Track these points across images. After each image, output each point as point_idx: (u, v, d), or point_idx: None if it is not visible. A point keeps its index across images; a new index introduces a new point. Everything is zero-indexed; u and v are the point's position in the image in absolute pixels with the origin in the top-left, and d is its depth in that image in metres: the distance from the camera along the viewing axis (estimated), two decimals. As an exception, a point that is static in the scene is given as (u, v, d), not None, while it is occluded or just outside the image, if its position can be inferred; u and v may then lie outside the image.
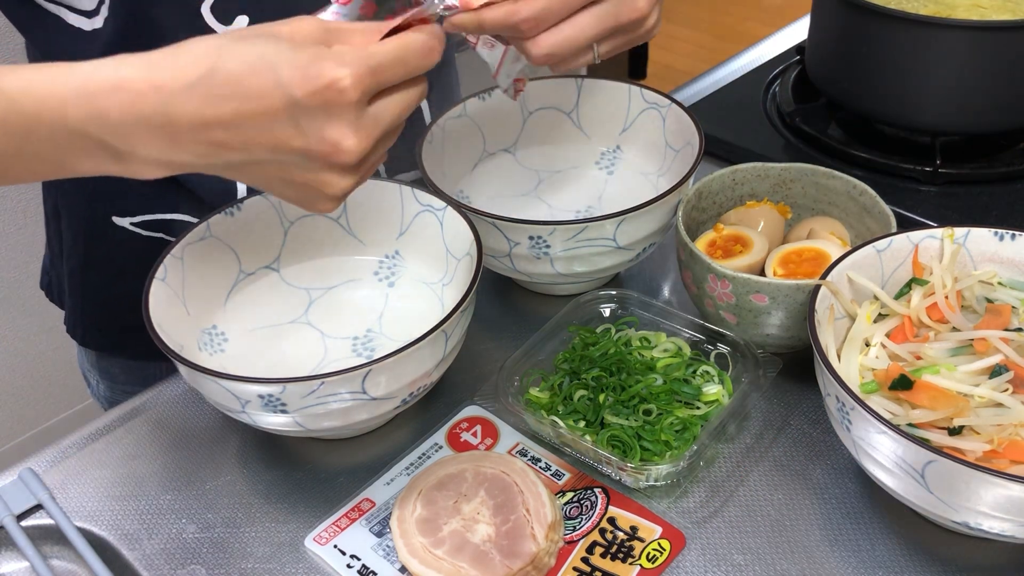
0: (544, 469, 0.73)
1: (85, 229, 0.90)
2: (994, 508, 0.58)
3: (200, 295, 0.78)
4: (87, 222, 0.89)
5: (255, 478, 0.75)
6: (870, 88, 1.04)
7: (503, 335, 0.87)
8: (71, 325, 0.98)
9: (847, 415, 0.63)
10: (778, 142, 1.10)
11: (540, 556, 0.65)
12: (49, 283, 1.01)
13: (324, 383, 0.65)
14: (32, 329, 1.96)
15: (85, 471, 0.77)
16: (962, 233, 0.75)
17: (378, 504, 0.72)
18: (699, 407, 0.74)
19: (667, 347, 0.79)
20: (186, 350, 0.73)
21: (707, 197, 0.85)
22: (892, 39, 0.99)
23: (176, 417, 0.81)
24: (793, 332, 0.76)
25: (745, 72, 1.24)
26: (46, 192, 0.95)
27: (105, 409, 1.03)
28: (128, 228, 0.88)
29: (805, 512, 0.70)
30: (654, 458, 0.71)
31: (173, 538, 0.71)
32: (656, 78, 3.01)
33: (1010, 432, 0.62)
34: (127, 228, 0.88)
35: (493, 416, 0.78)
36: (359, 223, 0.85)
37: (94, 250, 0.91)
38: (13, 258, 1.88)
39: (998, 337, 0.67)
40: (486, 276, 0.90)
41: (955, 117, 1.01)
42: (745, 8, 3.61)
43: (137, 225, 0.88)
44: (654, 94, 0.93)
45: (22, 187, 1.83)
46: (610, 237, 0.79)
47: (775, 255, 0.80)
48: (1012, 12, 1.04)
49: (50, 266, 1.00)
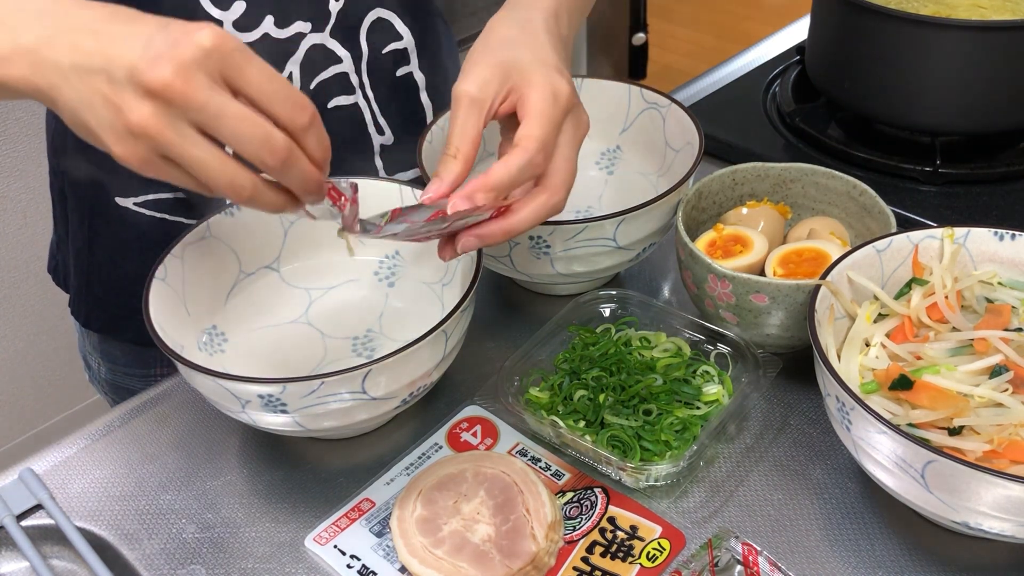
0: (544, 469, 0.73)
1: (89, 210, 0.91)
2: (994, 508, 0.58)
3: (200, 295, 0.78)
4: (91, 203, 0.90)
5: (255, 478, 0.75)
6: (870, 88, 1.04)
7: (503, 335, 0.87)
8: (75, 307, 0.99)
9: (847, 415, 0.63)
10: (778, 142, 1.10)
11: (540, 556, 0.65)
12: (56, 266, 1.03)
13: (324, 383, 0.65)
14: (32, 329, 1.97)
15: (85, 471, 0.77)
16: (962, 233, 0.75)
17: (378, 504, 0.72)
18: (699, 407, 0.74)
19: (667, 347, 0.79)
20: (186, 350, 0.73)
21: (707, 197, 0.85)
22: (892, 39, 0.99)
23: (176, 417, 0.81)
24: (793, 332, 0.76)
25: (745, 72, 1.24)
26: (53, 176, 0.96)
27: (105, 394, 1.05)
28: (131, 208, 0.88)
29: (805, 512, 0.70)
30: (654, 458, 0.71)
31: (173, 538, 0.71)
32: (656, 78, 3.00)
33: (1010, 432, 0.62)
34: (130, 208, 0.88)
35: (493, 416, 0.78)
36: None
37: (98, 231, 0.92)
38: (13, 258, 1.89)
39: (998, 337, 0.67)
40: (486, 276, 0.91)
41: (955, 117, 1.01)
42: (745, 8, 3.61)
43: (139, 205, 0.88)
44: (654, 94, 0.93)
45: (22, 187, 1.84)
46: (610, 237, 0.79)
47: (775, 255, 0.80)
48: (1012, 12, 1.04)
49: (57, 249, 1.02)
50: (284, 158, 0.54)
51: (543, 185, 0.65)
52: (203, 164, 0.53)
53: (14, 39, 0.54)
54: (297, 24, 0.82)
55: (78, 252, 0.95)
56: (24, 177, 1.83)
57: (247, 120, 0.52)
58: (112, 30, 0.53)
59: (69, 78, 0.54)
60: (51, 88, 0.55)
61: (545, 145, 0.63)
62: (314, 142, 0.56)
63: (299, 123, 0.54)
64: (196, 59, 0.51)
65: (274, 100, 0.54)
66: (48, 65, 0.54)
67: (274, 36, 0.82)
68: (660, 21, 3.28)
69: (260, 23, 0.81)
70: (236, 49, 0.52)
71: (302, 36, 0.83)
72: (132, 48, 0.52)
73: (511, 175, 0.62)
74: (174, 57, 0.51)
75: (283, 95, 0.54)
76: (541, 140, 0.63)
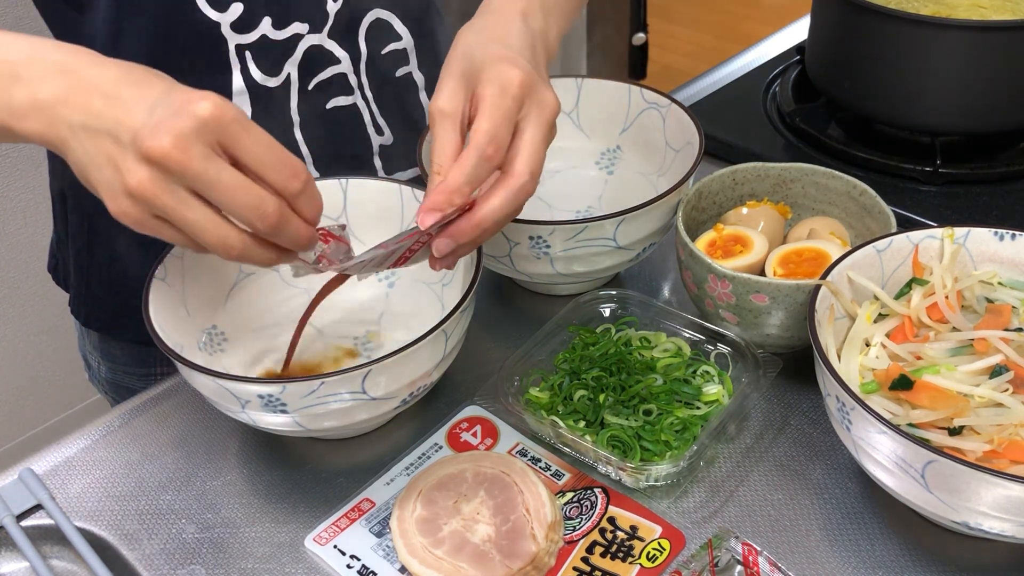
0: (544, 469, 0.73)
1: (89, 210, 0.91)
2: (994, 508, 0.58)
3: (200, 295, 0.78)
4: (91, 203, 0.90)
5: (255, 478, 0.75)
6: (870, 88, 1.04)
7: (503, 335, 0.87)
8: (75, 306, 1.00)
9: (847, 415, 0.63)
10: (778, 142, 1.10)
11: (540, 556, 0.65)
12: (56, 265, 1.03)
13: (324, 383, 0.65)
14: (32, 329, 1.97)
15: (85, 471, 0.77)
16: (962, 233, 0.75)
17: (378, 504, 0.72)
18: (699, 407, 0.74)
19: (667, 347, 0.79)
20: (186, 350, 0.73)
21: (707, 197, 0.85)
22: (892, 39, 0.99)
23: (176, 417, 0.81)
24: (793, 332, 0.76)
25: (745, 72, 1.24)
26: (52, 176, 0.96)
27: (105, 393, 1.05)
28: None
29: (805, 512, 0.70)
30: (654, 458, 0.71)
31: (173, 538, 0.71)
32: (656, 78, 3.00)
33: (1010, 432, 0.62)
34: None
35: (493, 416, 0.78)
36: (358, 223, 0.85)
37: (98, 231, 0.92)
38: (13, 258, 1.89)
39: (998, 337, 0.67)
40: (486, 276, 0.90)
41: (955, 117, 1.01)
42: (745, 8, 3.61)
43: None
44: (654, 94, 0.93)
45: (22, 187, 1.84)
46: (610, 237, 0.79)
47: (775, 255, 0.80)
48: (1012, 12, 1.04)
49: (56, 248, 1.02)
50: (274, 223, 0.58)
51: (506, 172, 0.65)
52: (197, 226, 0.57)
53: (32, 94, 0.58)
54: (295, 25, 0.82)
55: (78, 252, 0.95)
56: (24, 177, 1.83)
57: (239, 189, 0.56)
58: (122, 93, 0.57)
59: (79, 136, 0.58)
60: (62, 143, 0.59)
61: (494, 136, 0.63)
62: (307, 204, 0.60)
63: (292, 190, 0.58)
64: (194, 129, 0.54)
65: (268, 168, 0.57)
66: (61, 122, 0.58)
67: (272, 37, 0.82)
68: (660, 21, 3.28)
69: (258, 24, 0.81)
70: (234, 120, 0.56)
71: (300, 37, 0.83)
72: (138, 113, 0.56)
73: (465, 173, 0.63)
74: (173, 127, 0.54)
75: (278, 163, 0.58)
76: (489, 132, 0.63)
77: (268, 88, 0.84)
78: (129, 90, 0.57)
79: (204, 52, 0.80)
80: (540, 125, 0.66)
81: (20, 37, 0.61)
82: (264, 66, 0.83)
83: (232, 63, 0.81)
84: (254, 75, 0.83)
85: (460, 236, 0.64)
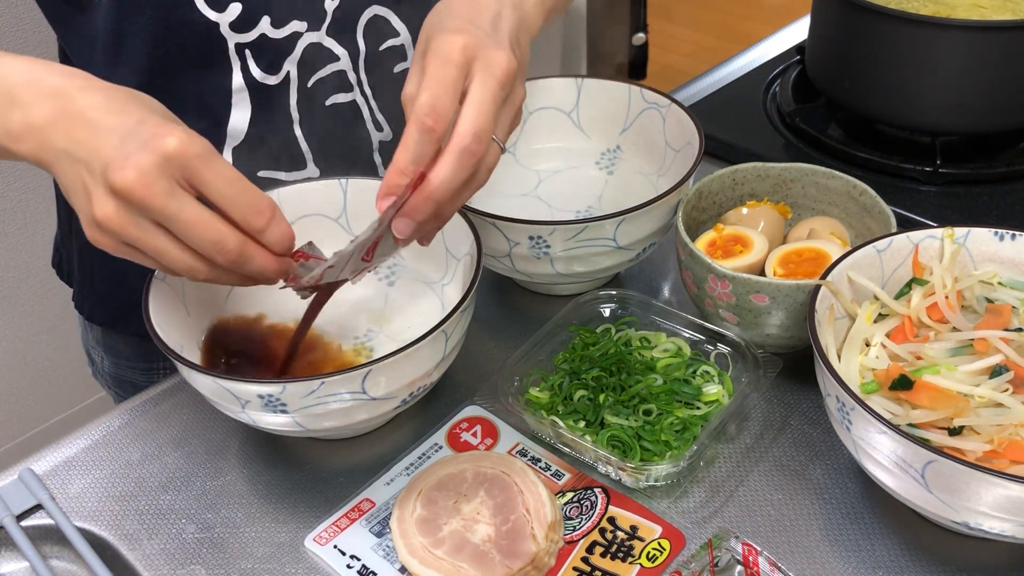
0: (544, 469, 0.73)
1: None
2: (994, 508, 0.58)
3: (200, 295, 0.78)
4: None
5: (255, 478, 0.75)
6: (870, 88, 1.04)
7: (503, 335, 0.87)
8: (79, 301, 1.00)
9: (847, 415, 0.63)
10: (778, 142, 1.10)
11: (540, 556, 0.65)
12: (59, 261, 1.04)
13: (324, 383, 0.65)
14: (32, 329, 1.96)
15: (85, 471, 0.77)
16: (962, 233, 0.75)
17: (378, 504, 0.72)
18: (699, 407, 0.74)
19: (667, 347, 0.79)
20: (186, 350, 0.73)
21: (707, 197, 0.85)
22: (892, 39, 0.99)
23: (176, 417, 0.81)
24: (793, 332, 0.76)
25: (745, 72, 1.24)
26: None
27: (108, 388, 1.05)
28: None
29: (805, 512, 0.70)
30: (654, 458, 0.71)
31: (173, 538, 0.71)
32: (656, 78, 3.00)
33: (1010, 432, 0.62)
34: None
35: (493, 416, 0.78)
36: (358, 223, 0.85)
37: None
38: (13, 258, 1.89)
39: (998, 337, 0.67)
40: (486, 276, 0.90)
41: (955, 117, 1.01)
42: (745, 8, 3.61)
43: None
44: (654, 94, 0.93)
45: (22, 187, 1.84)
46: (610, 237, 0.79)
47: (775, 255, 0.80)
48: (1012, 12, 1.04)
49: (60, 244, 1.03)
50: (234, 259, 0.60)
51: (452, 140, 0.63)
52: (165, 255, 0.60)
53: (26, 117, 0.60)
54: (293, 23, 0.82)
55: (81, 248, 0.96)
56: (24, 177, 1.83)
57: (199, 224, 0.58)
58: (102, 121, 0.59)
59: (62, 161, 0.60)
60: (50, 166, 0.61)
61: (433, 107, 0.62)
62: (274, 239, 0.61)
63: (255, 226, 0.60)
64: (157, 165, 0.56)
65: (231, 204, 0.59)
66: (49, 146, 0.60)
67: (271, 36, 0.82)
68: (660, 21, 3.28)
69: (257, 23, 0.81)
70: (197, 155, 0.57)
71: (299, 35, 0.83)
72: (110, 144, 0.58)
73: (409, 149, 0.62)
74: (138, 163, 0.56)
75: (241, 199, 0.59)
76: (428, 103, 0.62)
77: (268, 86, 0.84)
78: (108, 118, 0.59)
79: (204, 51, 0.80)
80: (486, 86, 0.64)
81: (21, 60, 0.62)
82: (263, 64, 0.83)
83: (232, 61, 0.82)
84: (254, 73, 0.83)
85: (415, 213, 0.63)
